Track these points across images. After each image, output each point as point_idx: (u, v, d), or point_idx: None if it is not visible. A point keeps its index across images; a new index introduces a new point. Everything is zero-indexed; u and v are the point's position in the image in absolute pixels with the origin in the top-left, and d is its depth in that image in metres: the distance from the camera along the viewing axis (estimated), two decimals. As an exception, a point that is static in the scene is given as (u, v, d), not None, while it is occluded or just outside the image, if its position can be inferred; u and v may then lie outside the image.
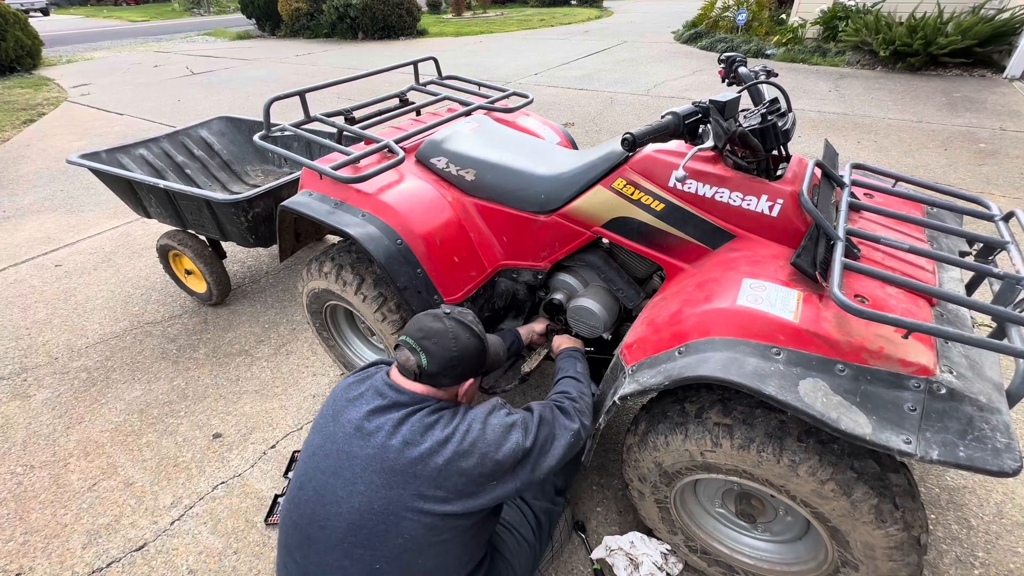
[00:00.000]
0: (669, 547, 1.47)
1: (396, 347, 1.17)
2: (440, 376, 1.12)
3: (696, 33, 9.47)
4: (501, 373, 1.78)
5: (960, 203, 1.39)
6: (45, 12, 23.93)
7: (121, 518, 1.70)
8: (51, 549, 1.61)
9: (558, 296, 1.71)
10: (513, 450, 1.07)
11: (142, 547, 1.61)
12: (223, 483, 1.80)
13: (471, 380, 1.20)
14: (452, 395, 1.17)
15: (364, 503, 1.02)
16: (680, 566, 1.46)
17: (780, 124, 1.24)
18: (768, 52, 7.79)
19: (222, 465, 1.87)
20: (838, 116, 5.12)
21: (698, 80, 6.79)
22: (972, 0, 6.57)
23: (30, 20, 9.67)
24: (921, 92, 5.79)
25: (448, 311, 1.20)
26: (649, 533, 1.51)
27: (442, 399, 1.14)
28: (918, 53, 6.39)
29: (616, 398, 1.18)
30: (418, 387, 1.12)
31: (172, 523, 1.67)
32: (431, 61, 2.37)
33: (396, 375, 1.15)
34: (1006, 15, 6.13)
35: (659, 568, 1.43)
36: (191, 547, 1.60)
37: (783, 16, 8.88)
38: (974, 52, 6.25)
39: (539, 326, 1.77)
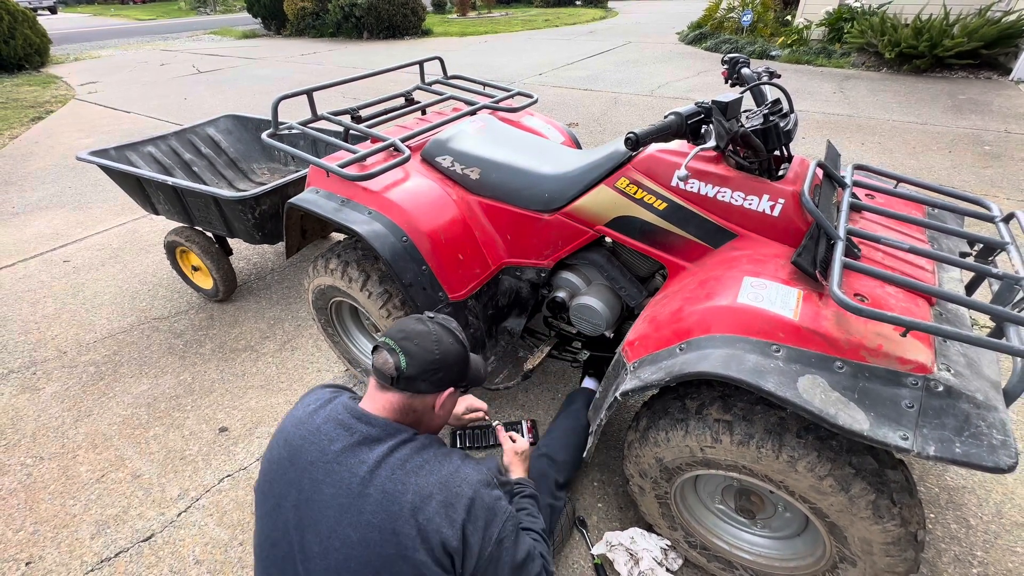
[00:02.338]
0: (669, 543, 1.48)
1: (374, 349, 1.08)
2: (419, 380, 1.04)
3: (701, 34, 9.47)
4: (504, 373, 1.80)
5: (961, 204, 1.40)
6: (53, 10, 24.07)
7: (129, 509, 1.72)
8: (60, 539, 1.64)
9: (561, 294, 1.73)
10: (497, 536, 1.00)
11: (150, 538, 1.63)
12: (229, 476, 1.82)
13: (450, 390, 1.12)
14: (429, 405, 1.10)
15: (341, 561, 0.93)
16: (680, 561, 1.47)
17: (782, 125, 1.25)
18: (773, 53, 7.78)
19: (228, 458, 1.89)
20: (843, 118, 5.11)
21: (702, 81, 6.79)
22: (978, 2, 6.55)
23: (38, 18, 9.74)
24: (926, 94, 5.78)
25: (432, 316, 1.14)
26: (649, 529, 1.53)
27: (417, 411, 1.07)
28: (924, 55, 6.37)
29: (618, 394, 1.19)
30: (392, 398, 1.04)
31: (179, 514, 1.70)
32: (436, 61, 2.39)
33: (365, 401, 1.06)
34: (1012, 17, 6.11)
35: (659, 563, 1.44)
36: (198, 538, 1.62)
37: (788, 17, 8.86)
38: (980, 54, 6.24)
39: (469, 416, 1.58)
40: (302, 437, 1.02)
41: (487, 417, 1.61)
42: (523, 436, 1.87)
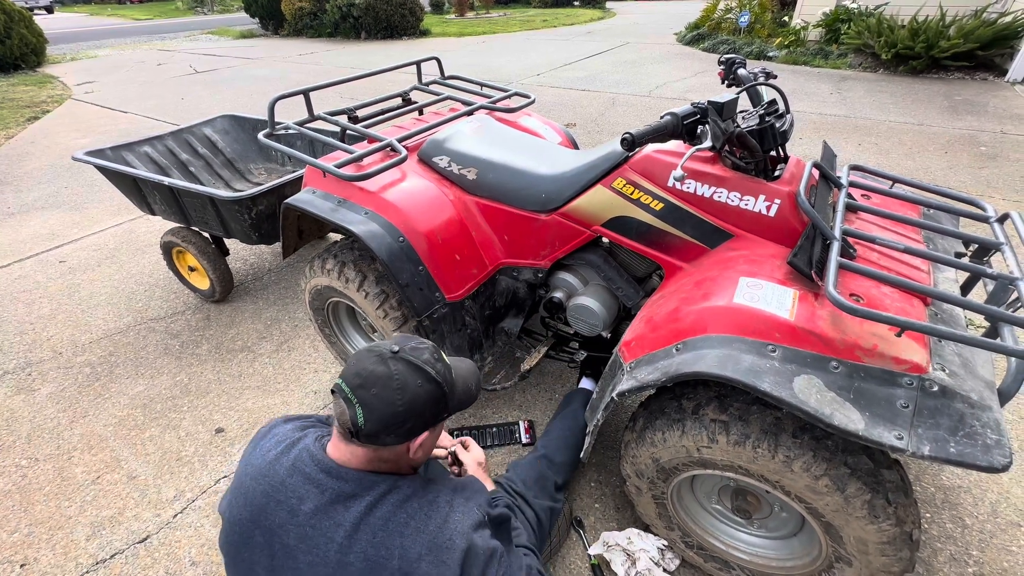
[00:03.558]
0: (666, 543, 1.48)
1: (332, 392, 0.95)
2: (382, 435, 0.90)
3: (698, 35, 9.49)
4: (502, 374, 1.80)
5: (956, 205, 1.40)
6: (49, 10, 24.03)
7: (124, 511, 1.72)
8: (55, 540, 1.63)
9: (558, 294, 1.73)
10: None
11: (145, 539, 1.63)
12: (225, 477, 1.82)
13: (425, 435, 0.97)
14: (402, 452, 0.96)
15: None
16: (676, 562, 1.47)
17: (778, 125, 1.25)
18: (770, 54, 7.80)
19: (224, 459, 1.89)
20: (839, 118, 5.13)
21: (700, 81, 6.80)
22: (975, 3, 6.58)
23: (34, 18, 9.71)
24: (923, 95, 5.80)
25: (397, 348, 0.94)
26: (646, 529, 1.53)
27: (389, 460, 0.96)
28: (920, 56, 6.39)
29: (614, 394, 1.19)
30: (357, 451, 0.92)
31: (175, 516, 1.69)
32: (434, 61, 2.38)
33: (332, 445, 0.95)
34: (1008, 18, 6.13)
35: (656, 563, 1.44)
36: (194, 539, 1.62)
37: (785, 18, 8.88)
38: (976, 55, 6.26)
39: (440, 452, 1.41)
40: (265, 494, 0.91)
41: (449, 461, 1.42)
42: (521, 436, 1.88)
